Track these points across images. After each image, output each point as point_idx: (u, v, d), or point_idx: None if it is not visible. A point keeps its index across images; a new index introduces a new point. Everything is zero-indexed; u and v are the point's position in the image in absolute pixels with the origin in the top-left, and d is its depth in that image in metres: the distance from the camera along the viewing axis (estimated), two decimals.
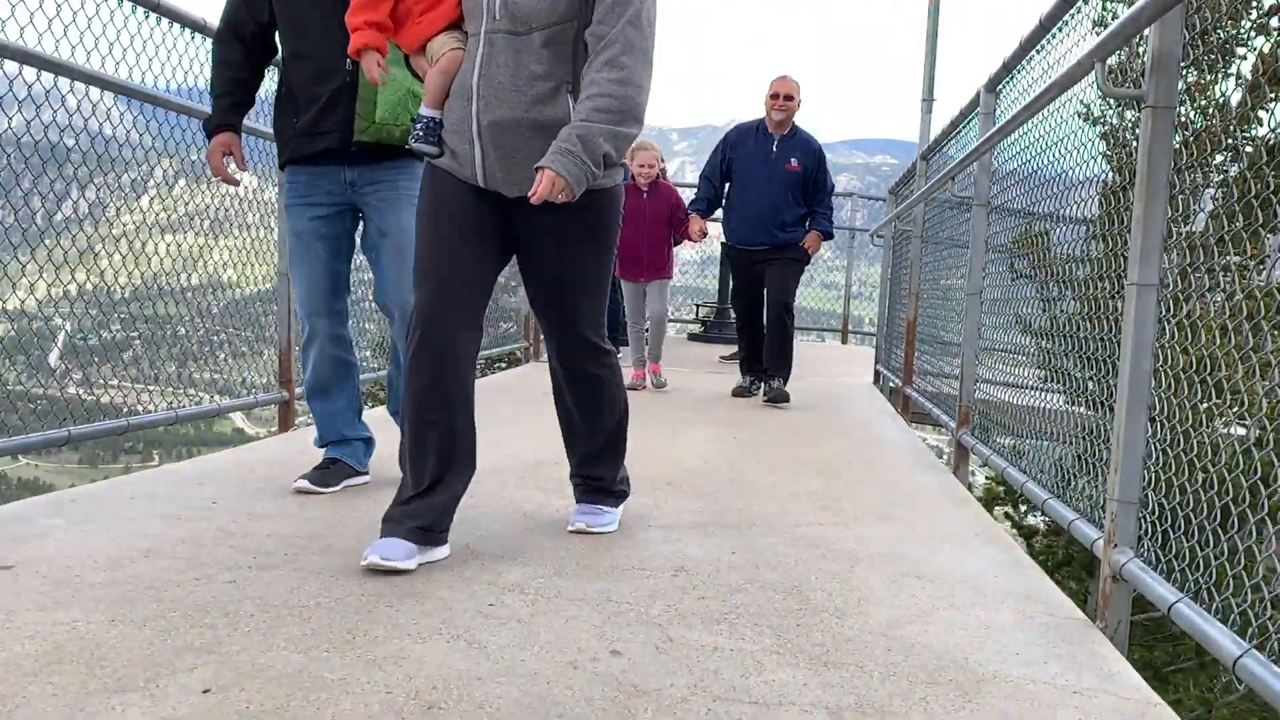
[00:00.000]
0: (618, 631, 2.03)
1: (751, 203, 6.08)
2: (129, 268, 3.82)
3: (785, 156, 6.02)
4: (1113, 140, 3.06)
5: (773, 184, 6.01)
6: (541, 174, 2.28)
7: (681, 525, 2.97)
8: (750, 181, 6.10)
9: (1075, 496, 2.92)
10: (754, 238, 6.14)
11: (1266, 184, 1.89)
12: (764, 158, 6.05)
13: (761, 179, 6.04)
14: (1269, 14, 2.87)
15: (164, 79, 3.78)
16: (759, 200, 6.04)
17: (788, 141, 6.06)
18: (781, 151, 6.03)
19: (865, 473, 4.03)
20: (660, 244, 6.55)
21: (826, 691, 1.79)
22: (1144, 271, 2.22)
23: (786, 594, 2.34)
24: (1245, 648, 1.71)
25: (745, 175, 6.13)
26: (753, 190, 6.08)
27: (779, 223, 6.03)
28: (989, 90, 4.19)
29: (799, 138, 6.11)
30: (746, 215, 6.12)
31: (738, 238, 6.25)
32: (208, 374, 4.49)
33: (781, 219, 6.03)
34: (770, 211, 6.02)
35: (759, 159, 6.07)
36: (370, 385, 8.86)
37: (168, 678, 1.69)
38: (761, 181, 6.04)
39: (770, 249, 6.09)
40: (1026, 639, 2.13)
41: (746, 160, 6.12)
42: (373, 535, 2.50)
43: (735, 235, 6.26)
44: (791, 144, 6.05)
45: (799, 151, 6.05)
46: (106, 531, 2.59)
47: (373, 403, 9.39)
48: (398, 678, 1.74)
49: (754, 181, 6.08)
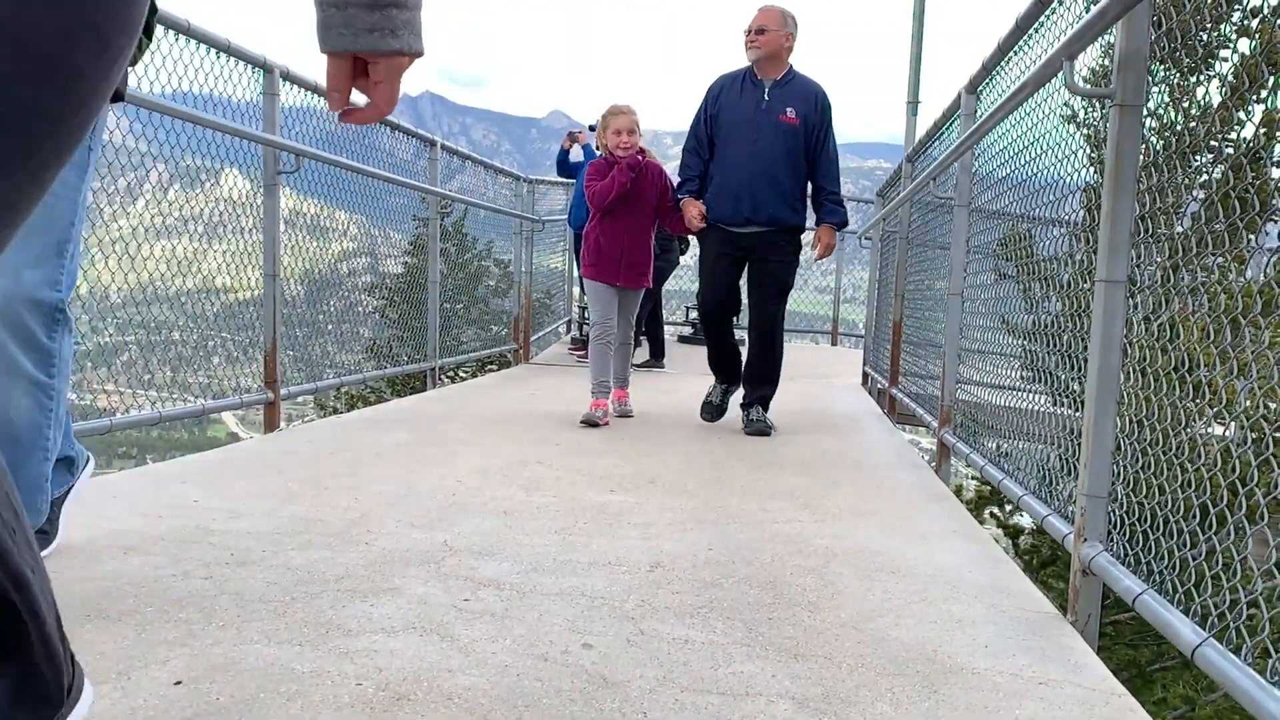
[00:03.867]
0: (590, 625, 2.05)
1: (737, 167, 4.79)
2: (124, 269, 3.83)
3: (779, 106, 4.77)
4: (1094, 141, 3.08)
5: (763, 141, 4.75)
6: None
7: (661, 522, 2.99)
8: (736, 139, 4.81)
9: (1056, 497, 2.94)
10: (738, 213, 4.82)
11: (1248, 184, 1.91)
12: (751, 109, 4.80)
13: (749, 135, 4.78)
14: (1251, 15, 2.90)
15: (159, 85, 3.80)
16: (747, 163, 4.76)
17: (782, 87, 4.81)
18: (774, 100, 4.78)
19: (847, 472, 4.05)
20: (645, 240, 5.20)
21: (794, 683, 1.81)
22: (1112, 268, 2.24)
23: (760, 588, 2.36)
24: (1204, 636, 1.73)
25: (730, 132, 4.84)
26: (739, 151, 4.80)
27: (774, 195, 4.76)
28: (969, 92, 4.23)
29: (796, 82, 4.84)
30: (730, 183, 4.82)
31: (718, 213, 4.88)
32: (201, 377, 4.50)
33: (778, 189, 4.76)
34: (762, 178, 4.74)
35: (746, 111, 4.81)
36: (359, 387, 8.88)
37: (140, 670, 1.70)
38: (749, 139, 4.77)
39: (762, 232, 4.81)
40: (997, 632, 2.15)
41: (731, 113, 4.84)
42: (352, 531, 2.51)
43: (715, 210, 4.89)
44: (787, 90, 4.80)
45: (797, 100, 4.79)
46: (86, 529, 2.60)
47: (362, 404, 9.42)
48: (369, 670, 1.76)
49: (740, 139, 4.80)
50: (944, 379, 4.39)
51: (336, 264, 6.22)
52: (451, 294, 8.01)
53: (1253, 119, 2.02)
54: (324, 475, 3.45)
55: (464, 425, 4.82)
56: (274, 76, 4.49)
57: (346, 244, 6.34)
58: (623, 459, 4.06)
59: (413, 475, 3.51)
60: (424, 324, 6.93)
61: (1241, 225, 1.89)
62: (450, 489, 3.31)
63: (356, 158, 5.67)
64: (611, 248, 5.05)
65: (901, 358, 6.39)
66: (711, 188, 4.89)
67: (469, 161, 8.35)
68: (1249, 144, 1.98)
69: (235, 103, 4.27)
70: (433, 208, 6.86)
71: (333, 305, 6.11)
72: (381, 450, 4.02)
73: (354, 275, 6.58)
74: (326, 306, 5.99)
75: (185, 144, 4.05)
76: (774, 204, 4.76)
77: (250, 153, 4.55)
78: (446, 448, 4.14)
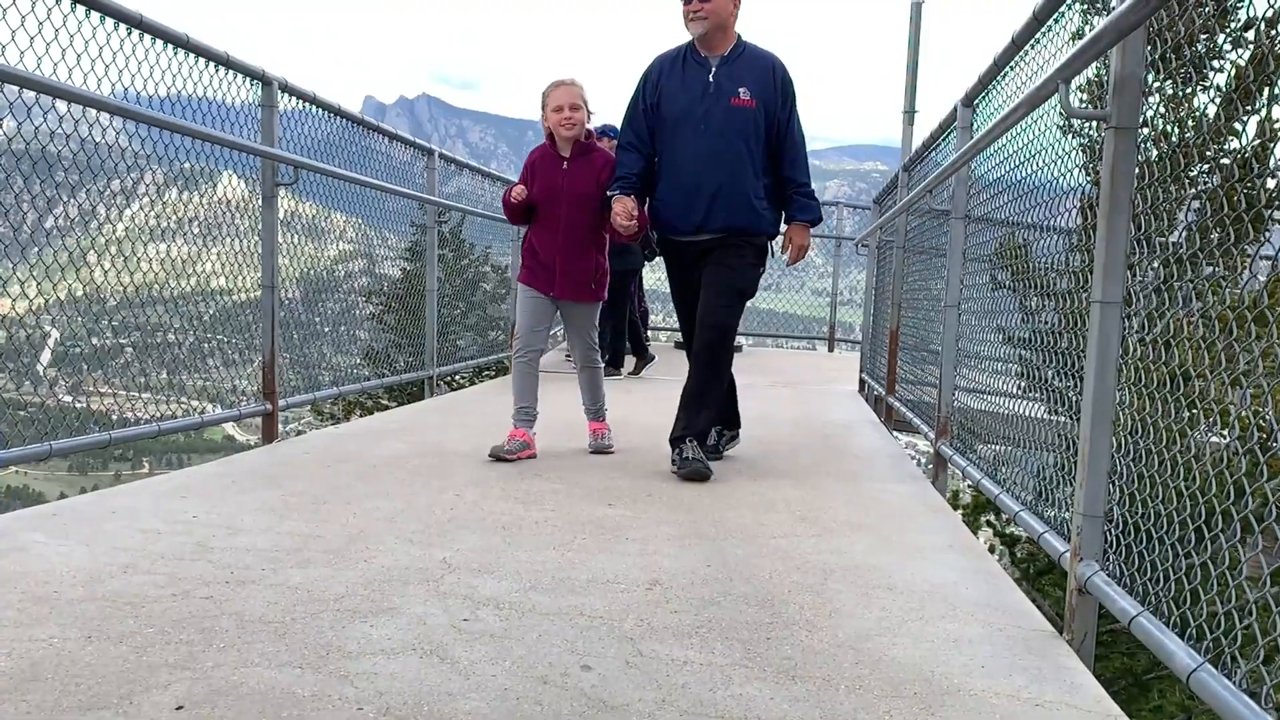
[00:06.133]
0: (589, 646, 2.06)
1: (685, 164, 3.97)
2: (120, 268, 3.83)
3: (730, 87, 3.93)
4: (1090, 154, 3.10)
5: (713, 131, 3.92)
6: None
7: (659, 537, 3.00)
8: (681, 131, 3.98)
9: (1055, 507, 2.95)
10: (688, 220, 3.99)
11: (1241, 198, 1.93)
12: (698, 93, 3.95)
13: (696, 125, 3.95)
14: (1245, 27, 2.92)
15: (146, 91, 3.80)
16: (696, 159, 3.94)
17: (730, 64, 3.96)
18: (723, 80, 3.94)
19: (844, 483, 4.07)
20: (587, 242, 4.26)
21: (793, 705, 1.82)
22: (1108, 289, 2.26)
23: (759, 607, 2.37)
24: (1199, 661, 1.75)
25: (674, 123, 4.00)
26: (686, 145, 3.97)
27: (731, 195, 3.94)
28: (965, 105, 4.25)
29: (747, 56, 3.99)
30: (678, 184, 3.99)
31: (666, 221, 4.08)
32: (197, 381, 4.51)
33: (736, 187, 3.94)
34: (715, 176, 3.92)
35: (691, 95, 3.96)
36: (358, 394, 8.87)
37: (141, 695, 1.71)
38: (696, 129, 3.94)
39: (715, 239, 4.00)
40: (993, 651, 2.16)
41: (674, 100, 3.99)
42: (351, 548, 2.52)
43: (663, 218, 4.08)
44: (737, 67, 3.96)
45: (750, 77, 3.95)
46: (86, 546, 2.61)
47: (360, 412, 9.42)
48: (369, 694, 1.76)
49: (686, 130, 3.96)
50: (941, 391, 4.41)
51: (333, 266, 6.22)
52: (449, 300, 8.01)
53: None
54: (322, 489, 3.46)
55: (461, 436, 4.82)
56: (272, 89, 4.50)
57: (344, 246, 6.34)
58: (620, 472, 4.07)
59: (410, 489, 3.52)
60: (422, 332, 6.93)
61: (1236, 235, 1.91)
62: (448, 503, 3.32)
63: (354, 166, 5.67)
64: (546, 252, 4.25)
65: (898, 365, 6.41)
66: (658, 190, 4.08)
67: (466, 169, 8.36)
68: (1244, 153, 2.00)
69: (231, 104, 4.27)
70: (430, 216, 6.87)
71: (330, 309, 6.12)
72: (379, 463, 4.03)
73: (351, 278, 6.59)
74: (324, 310, 5.99)
75: (180, 144, 4.04)
76: (731, 207, 3.95)
77: (248, 161, 4.56)
78: (444, 459, 4.15)
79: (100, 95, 3.45)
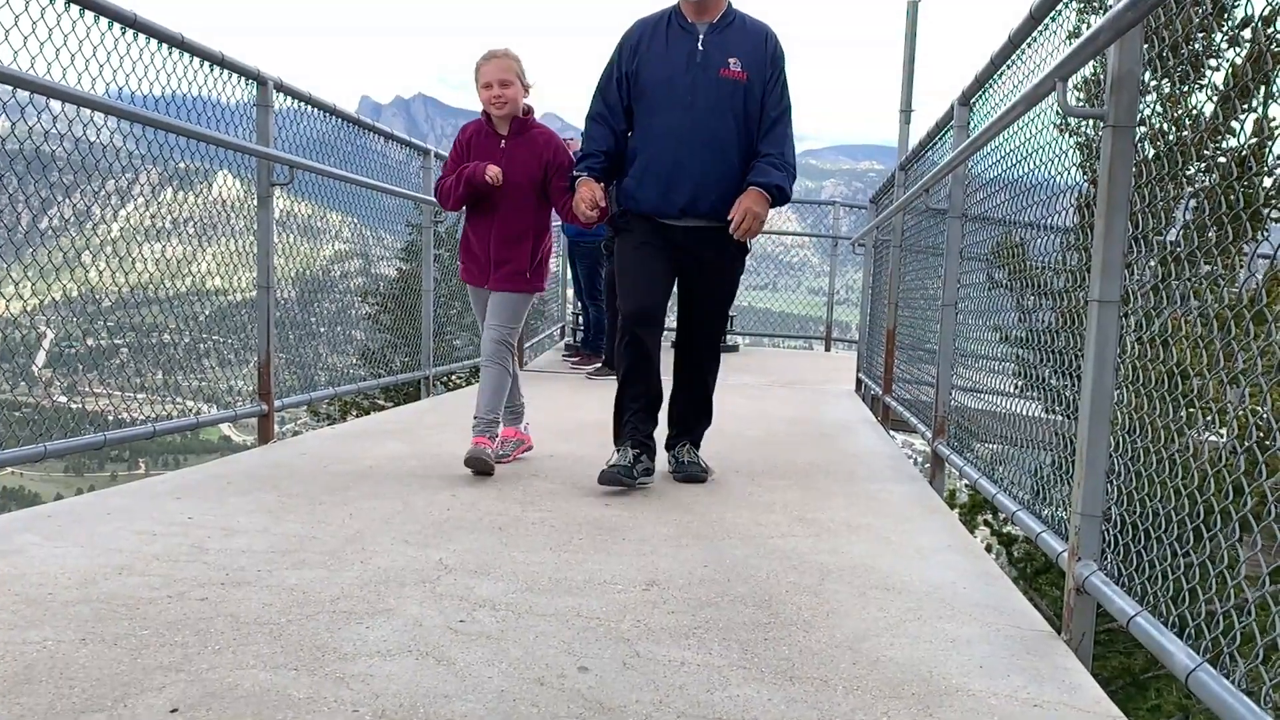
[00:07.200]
0: (586, 647, 2.05)
1: (668, 140, 3.64)
2: (115, 267, 3.82)
3: (719, 57, 3.62)
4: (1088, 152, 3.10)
5: (701, 105, 3.60)
6: None
7: (656, 537, 2.99)
8: (665, 103, 3.64)
9: (1053, 506, 2.95)
10: (670, 202, 3.66)
11: (1238, 196, 1.92)
12: (683, 62, 3.62)
13: (681, 98, 3.62)
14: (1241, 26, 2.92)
15: (141, 91, 3.79)
16: (680, 135, 3.62)
17: (720, 32, 3.65)
18: (712, 49, 3.62)
19: (842, 483, 4.06)
20: (524, 228, 3.96)
21: (790, 706, 1.81)
22: (1105, 288, 2.25)
23: (756, 607, 2.37)
24: (1198, 661, 1.74)
25: (656, 94, 3.66)
26: (669, 118, 3.63)
27: (719, 176, 3.62)
28: (962, 104, 4.24)
29: (738, 24, 3.69)
30: (659, 162, 3.65)
31: (645, 199, 3.70)
32: (193, 382, 4.49)
33: (724, 167, 3.63)
34: (702, 154, 3.61)
35: (675, 65, 3.63)
36: (354, 395, 8.85)
37: (136, 697, 1.70)
38: (682, 102, 3.62)
39: (703, 229, 3.69)
40: (991, 651, 2.16)
41: (656, 69, 3.66)
42: (347, 549, 2.51)
43: (641, 195, 3.70)
44: (728, 36, 3.65)
45: (741, 47, 3.64)
46: (81, 547, 2.59)
47: (357, 411, 9.40)
48: (365, 695, 1.76)
49: (670, 103, 3.63)
50: (938, 390, 4.40)
51: (329, 266, 6.21)
52: (445, 300, 7.99)
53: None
54: (318, 490, 3.45)
55: (458, 436, 4.80)
56: (268, 88, 4.49)
57: (339, 246, 6.33)
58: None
59: (407, 490, 3.51)
60: (418, 332, 6.92)
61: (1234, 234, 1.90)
62: (445, 504, 3.31)
63: (349, 165, 5.66)
64: (479, 241, 3.98)
65: (895, 365, 6.40)
66: (633, 169, 3.72)
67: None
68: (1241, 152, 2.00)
69: (226, 103, 4.26)
70: (426, 216, 6.86)
71: (326, 309, 6.11)
72: (375, 463, 4.02)
73: (346, 278, 6.58)
74: (320, 310, 5.98)
75: (175, 143, 4.04)
76: (719, 189, 3.62)
77: (244, 160, 4.55)
78: (440, 460, 4.14)
79: (95, 95, 3.44)
